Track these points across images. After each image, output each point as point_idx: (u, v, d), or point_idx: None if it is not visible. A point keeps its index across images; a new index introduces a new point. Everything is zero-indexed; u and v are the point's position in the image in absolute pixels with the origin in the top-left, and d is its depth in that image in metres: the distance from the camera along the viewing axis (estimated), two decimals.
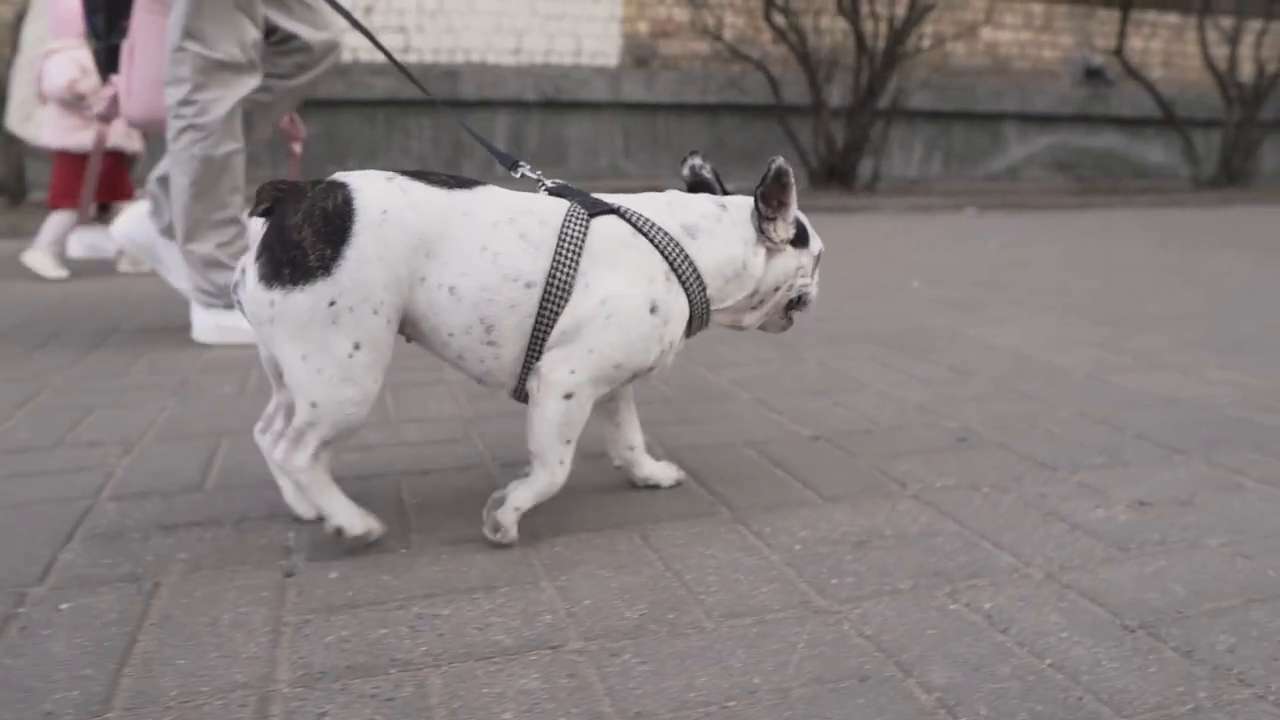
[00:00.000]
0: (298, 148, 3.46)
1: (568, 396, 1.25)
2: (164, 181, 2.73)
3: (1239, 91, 9.68)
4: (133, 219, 2.98)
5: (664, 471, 1.54)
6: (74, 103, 3.93)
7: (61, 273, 3.98)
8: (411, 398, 2.09)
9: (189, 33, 2.44)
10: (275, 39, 2.63)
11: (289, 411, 1.31)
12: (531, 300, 1.24)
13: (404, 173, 1.26)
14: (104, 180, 3.95)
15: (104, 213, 4.15)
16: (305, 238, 1.16)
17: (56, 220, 4.04)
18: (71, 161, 4.00)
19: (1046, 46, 11.43)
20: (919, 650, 1.06)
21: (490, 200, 1.26)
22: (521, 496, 1.29)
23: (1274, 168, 11.84)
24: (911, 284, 3.79)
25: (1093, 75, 11.37)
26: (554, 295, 1.24)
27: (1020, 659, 1.04)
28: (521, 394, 1.33)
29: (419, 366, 2.28)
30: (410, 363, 2.16)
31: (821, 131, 7.99)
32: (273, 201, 1.20)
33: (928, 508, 1.48)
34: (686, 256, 1.30)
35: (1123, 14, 9.58)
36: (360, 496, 1.38)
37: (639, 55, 10.22)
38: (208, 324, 2.67)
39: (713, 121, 9.94)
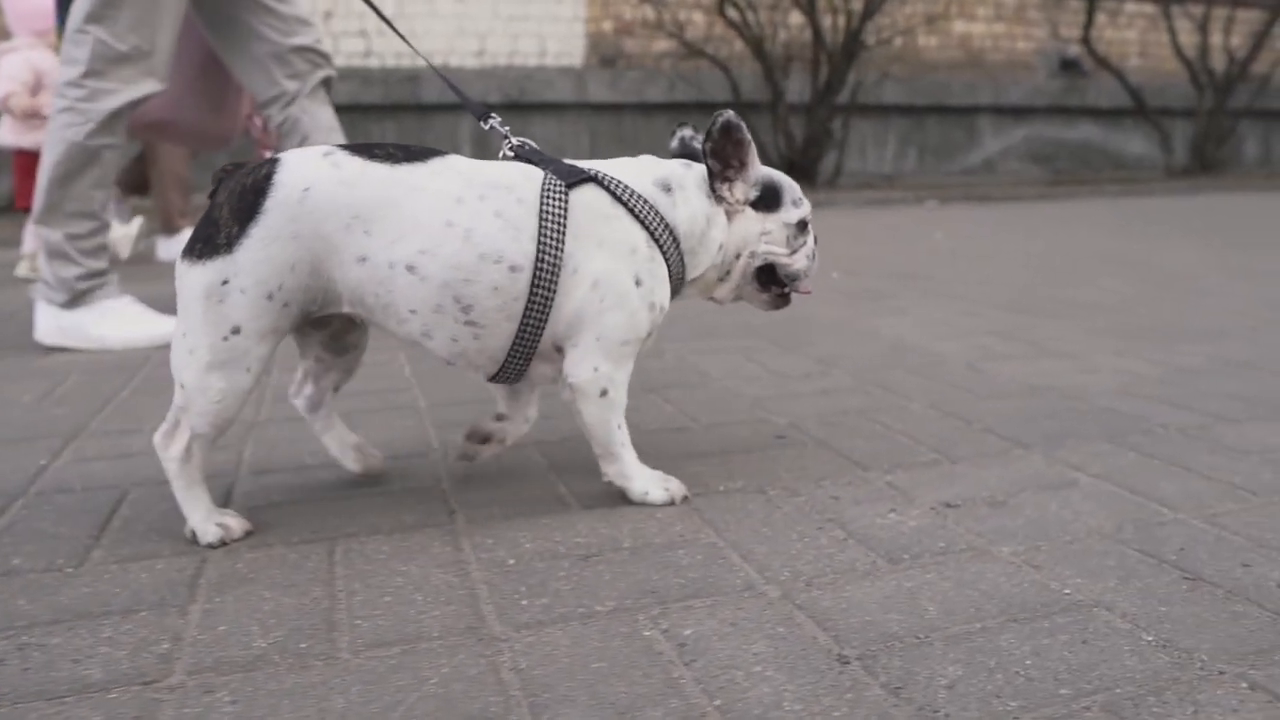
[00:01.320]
0: (268, 154, 3.37)
1: (604, 394, 1.26)
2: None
3: (1210, 79, 9.47)
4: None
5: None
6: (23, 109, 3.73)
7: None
8: None
9: (93, 16, 2.32)
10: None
11: (315, 375, 1.35)
12: (519, 284, 1.19)
13: (348, 146, 1.21)
14: None
15: None
16: (222, 215, 1.15)
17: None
18: (32, 161, 3.76)
19: (1020, 38, 11.22)
20: (567, 688, 0.87)
21: (447, 172, 1.20)
22: (632, 486, 1.31)
23: (1257, 155, 11.62)
24: (831, 275, 3.60)
25: (1068, 66, 11.16)
26: (544, 279, 1.20)
27: (685, 699, 0.86)
28: (503, 377, 1.29)
29: None
30: None
31: (780, 127, 7.80)
32: (218, 181, 1.20)
33: (690, 515, 1.29)
34: (664, 221, 1.26)
35: (1089, 3, 9.38)
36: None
37: (604, 55, 10.06)
38: (50, 324, 2.49)
39: (679, 120, 9.77)
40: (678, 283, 1.31)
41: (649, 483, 1.32)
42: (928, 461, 1.51)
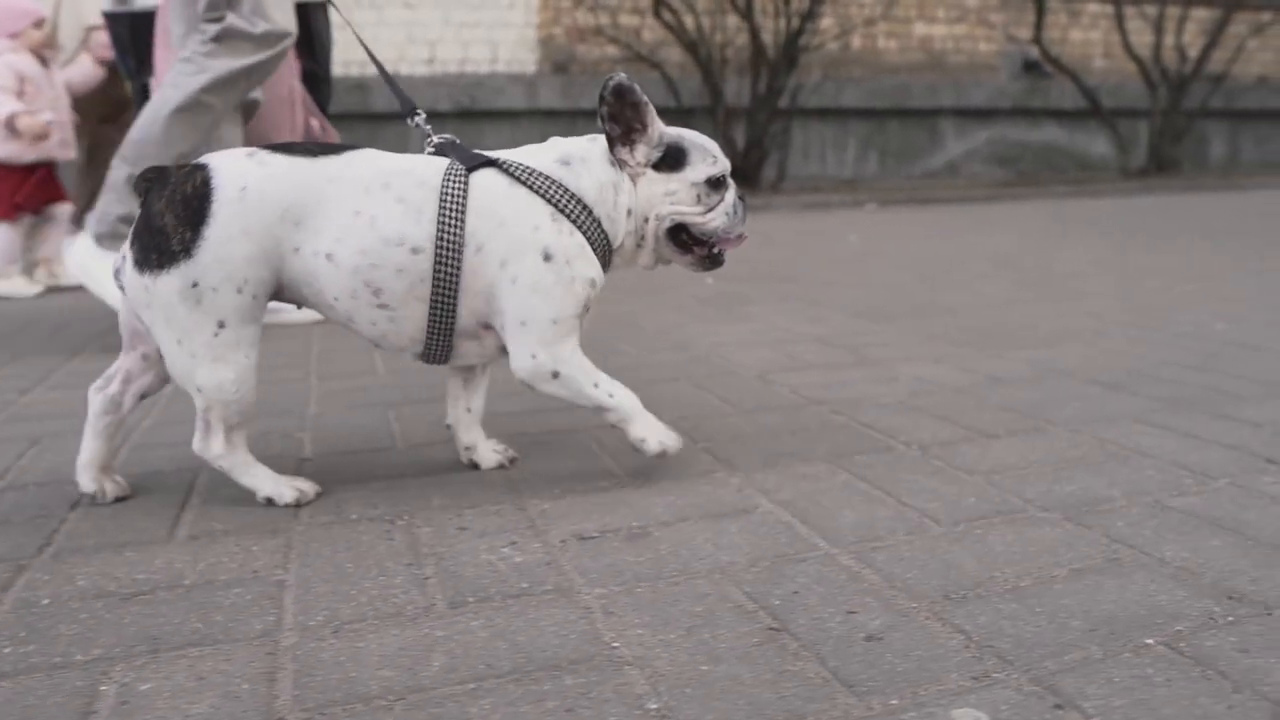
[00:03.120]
0: None
1: (555, 375, 1.27)
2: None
3: (1165, 78, 9.32)
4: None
5: (487, 452, 1.47)
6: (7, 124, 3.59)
7: (34, 288, 3.63)
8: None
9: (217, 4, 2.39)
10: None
11: (127, 376, 1.32)
12: (421, 265, 1.22)
13: (270, 146, 1.25)
14: (37, 187, 3.69)
15: (36, 218, 3.81)
16: (168, 223, 1.18)
17: (2, 236, 3.64)
18: (5, 173, 3.63)
19: (982, 40, 11.10)
20: None
21: (359, 163, 1.25)
22: (634, 432, 1.33)
23: (1223, 155, 11.46)
24: (706, 280, 3.46)
25: (1031, 68, 11.02)
26: (446, 257, 1.22)
27: None
28: (431, 357, 1.31)
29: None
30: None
31: (721, 131, 7.67)
32: (145, 189, 1.22)
33: (295, 544, 1.15)
34: (568, 192, 1.26)
35: (1038, 4, 9.26)
36: None
37: (557, 61, 9.96)
38: (76, 258, 2.53)
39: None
40: (605, 252, 1.31)
41: (646, 429, 1.33)
42: (607, 486, 1.37)
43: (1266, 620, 0.94)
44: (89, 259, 2.50)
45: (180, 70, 2.42)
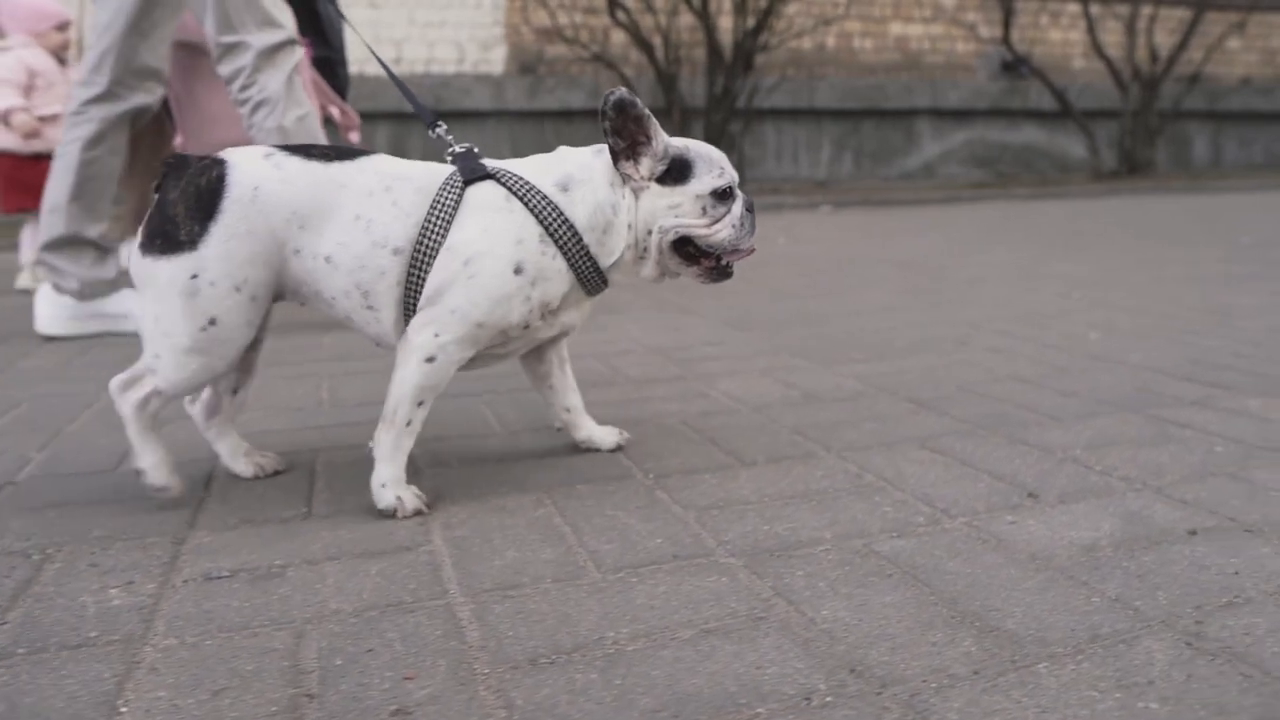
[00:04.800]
0: (355, 136, 3.30)
1: (430, 360, 1.23)
2: None
3: (1137, 78, 9.13)
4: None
5: (604, 434, 1.50)
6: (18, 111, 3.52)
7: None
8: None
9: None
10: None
11: (219, 388, 1.36)
12: (399, 267, 1.23)
13: (286, 147, 1.26)
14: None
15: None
16: (179, 212, 1.20)
17: (30, 230, 3.60)
18: (12, 162, 3.56)
19: (960, 40, 10.92)
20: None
21: (369, 169, 1.26)
22: (382, 473, 1.25)
23: (1207, 156, 11.25)
24: None
25: (1010, 68, 10.84)
26: (420, 261, 1.22)
27: None
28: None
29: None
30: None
31: (676, 133, 7.54)
32: (163, 174, 1.23)
33: None
34: (561, 217, 1.25)
35: (1004, 4, 9.08)
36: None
37: (524, 62, 9.83)
38: (55, 314, 2.55)
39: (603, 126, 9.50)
40: (594, 276, 1.29)
41: (391, 477, 1.25)
42: (290, 517, 1.23)
43: (867, 702, 0.80)
44: (78, 311, 2.52)
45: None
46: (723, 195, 1.30)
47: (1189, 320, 2.47)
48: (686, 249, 1.32)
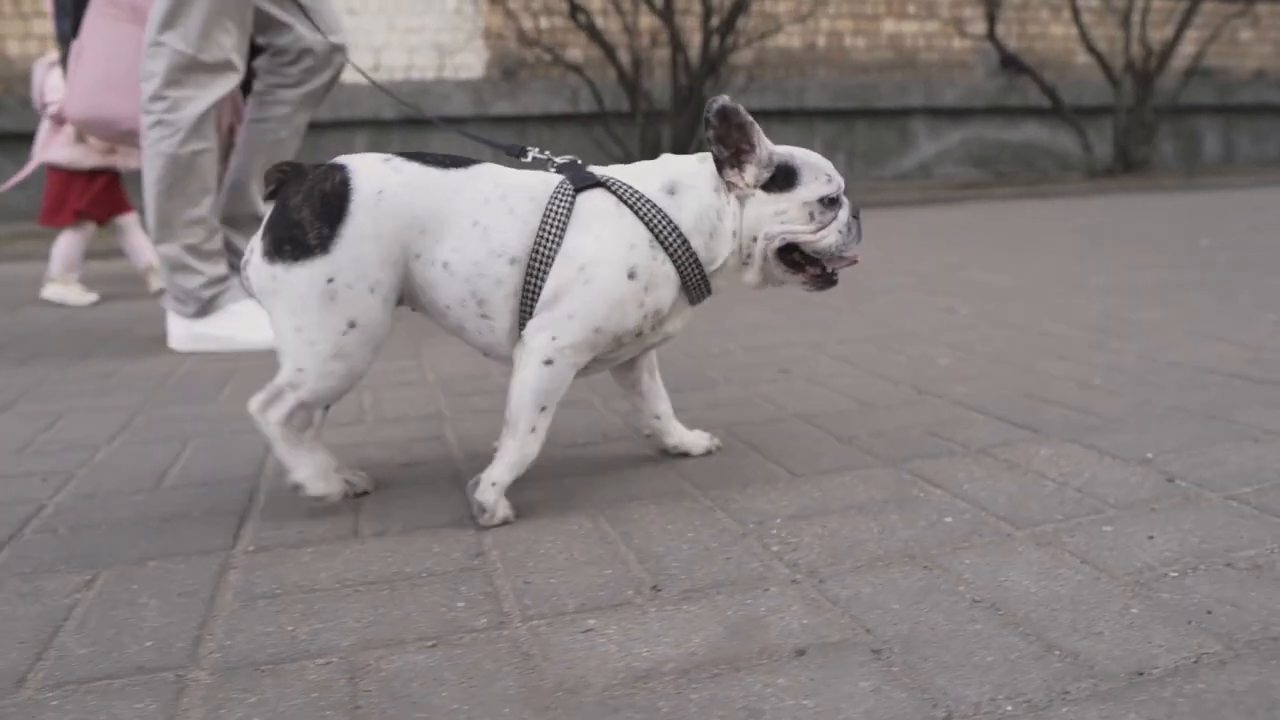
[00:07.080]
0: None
1: (548, 362, 1.22)
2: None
3: (1131, 72, 8.77)
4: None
5: (695, 439, 1.50)
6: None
7: (89, 297, 3.63)
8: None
9: (167, 25, 2.33)
10: (274, 49, 2.59)
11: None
12: (516, 276, 1.23)
13: (401, 154, 1.27)
14: (100, 197, 3.71)
15: (101, 228, 3.88)
16: (304, 217, 1.20)
17: (63, 242, 3.71)
18: (59, 176, 3.68)
19: (955, 36, 10.61)
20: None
21: (484, 176, 1.27)
22: (496, 472, 1.24)
23: (1218, 153, 10.81)
24: None
25: (1008, 64, 10.50)
26: (537, 270, 1.23)
27: None
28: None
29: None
30: None
31: (640, 135, 7.36)
32: (278, 183, 1.23)
33: None
34: (670, 223, 1.26)
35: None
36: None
37: (506, 66, 9.72)
38: (181, 332, 2.54)
39: (587, 130, 9.34)
40: (700, 282, 1.29)
41: (500, 485, 1.24)
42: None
43: None
44: (195, 329, 2.51)
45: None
46: (830, 202, 1.29)
47: (1063, 342, 2.24)
48: (791, 256, 1.32)
